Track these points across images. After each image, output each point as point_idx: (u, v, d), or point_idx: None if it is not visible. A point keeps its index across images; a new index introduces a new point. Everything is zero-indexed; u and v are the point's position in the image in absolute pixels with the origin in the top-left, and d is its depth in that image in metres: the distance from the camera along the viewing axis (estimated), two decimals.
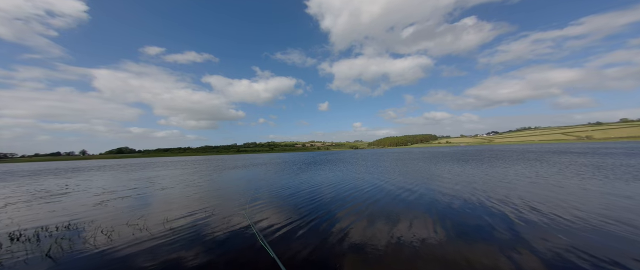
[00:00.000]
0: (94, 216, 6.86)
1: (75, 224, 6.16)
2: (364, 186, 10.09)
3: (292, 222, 5.60)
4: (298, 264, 3.61)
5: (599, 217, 5.02)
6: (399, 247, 4.01)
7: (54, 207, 8.28)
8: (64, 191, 12.10)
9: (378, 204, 6.95)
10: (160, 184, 13.29)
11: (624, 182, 8.58)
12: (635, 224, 4.60)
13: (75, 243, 4.82)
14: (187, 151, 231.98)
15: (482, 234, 4.39)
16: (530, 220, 5.03)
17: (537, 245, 3.87)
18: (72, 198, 10.06)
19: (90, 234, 5.34)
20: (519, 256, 3.55)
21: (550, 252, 3.64)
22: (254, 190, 10.11)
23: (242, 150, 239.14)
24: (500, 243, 4.01)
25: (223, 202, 8.13)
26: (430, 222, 5.17)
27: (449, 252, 3.77)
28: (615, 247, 3.71)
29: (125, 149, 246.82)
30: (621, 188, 7.69)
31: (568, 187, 8.10)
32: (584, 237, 4.12)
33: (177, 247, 4.42)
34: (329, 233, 4.77)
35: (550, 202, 6.34)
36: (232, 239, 4.71)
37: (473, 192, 7.89)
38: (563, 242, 3.96)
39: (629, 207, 5.64)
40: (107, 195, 10.48)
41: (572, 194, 7.08)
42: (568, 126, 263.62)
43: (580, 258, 3.44)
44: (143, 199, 9.21)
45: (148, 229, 5.50)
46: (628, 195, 6.70)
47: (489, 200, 6.73)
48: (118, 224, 5.96)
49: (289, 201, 7.83)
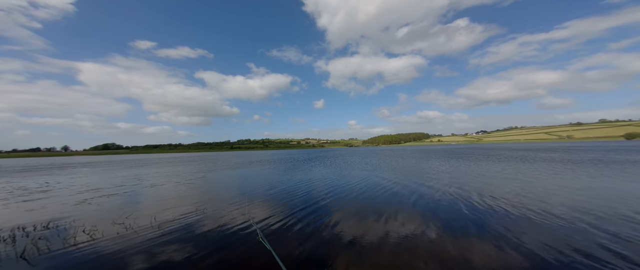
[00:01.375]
0: (76, 215, 6.54)
1: (54, 223, 5.85)
2: (362, 183, 10.13)
3: (289, 218, 5.56)
4: (295, 260, 3.57)
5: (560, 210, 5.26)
6: (395, 242, 4.05)
7: (32, 206, 7.85)
8: (44, 189, 11.51)
9: (375, 200, 6.99)
10: (149, 181, 12.88)
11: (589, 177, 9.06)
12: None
13: (54, 243, 4.57)
14: (178, 148, 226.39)
15: (475, 232, 4.50)
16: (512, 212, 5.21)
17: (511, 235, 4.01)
18: (52, 196, 9.58)
19: (70, 233, 5.08)
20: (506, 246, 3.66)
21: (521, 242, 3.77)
22: (248, 187, 9.97)
23: (236, 148, 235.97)
24: (495, 239, 4.12)
25: (216, 199, 7.96)
26: (422, 217, 5.24)
27: (440, 246, 3.83)
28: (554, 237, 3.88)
29: (112, 145, 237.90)
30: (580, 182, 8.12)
31: (539, 182, 8.48)
32: (543, 227, 4.30)
33: (168, 245, 4.26)
34: (326, 229, 4.75)
35: (521, 195, 6.59)
36: (227, 235, 4.60)
37: (468, 191, 8.08)
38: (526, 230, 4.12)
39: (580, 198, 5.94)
40: (91, 193, 10.04)
41: (539, 187, 7.42)
42: (551, 126, 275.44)
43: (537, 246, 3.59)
44: (131, 197, 8.89)
45: (136, 227, 5.29)
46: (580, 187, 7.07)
47: (482, 199, 6.91)
48: (102, 223, 5.71)
49: (285, 197, 7.76)
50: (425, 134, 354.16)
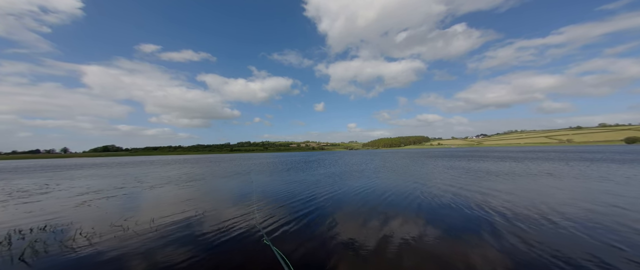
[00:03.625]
0: (75, 217, 6.47)
1: (53, 225, 5.78)
2: (368, 186, 10.00)
3: (294, 220, 5.50)
4: (300, 262, 3.52)
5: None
6: (398, 246, 3.98)
7: (31, 208, 7.78)
8: (44, 191, 11.43)
9: (381, 203, 6.89)
10: (149, 183, 12.80)
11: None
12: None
13: (52, 245, 4.50)
14: (178, 150, 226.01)
15: (479, 239, 4.44)
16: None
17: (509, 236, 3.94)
18: (52, 198, 9.50)
19: (69, 236, 5.01)
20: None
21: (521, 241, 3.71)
22: (251, 189, 9.89)
23: (236, 150, 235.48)
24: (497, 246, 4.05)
25: (217, 200, 7.89)
26: (429, 222, 5.18)
27: (442, 249, 3.77)
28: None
29: (111, 147, 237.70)
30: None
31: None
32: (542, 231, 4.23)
33: (167, 248, 4.19)
34: (332, 231, 4.69)
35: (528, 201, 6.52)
36: (231, 238, 4.53)
37: (472, 199, 8.01)
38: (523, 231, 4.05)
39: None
40: (91, 195, 9.97)
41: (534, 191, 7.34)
42: (551, 130, 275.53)
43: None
44: (131, 199, 8.81)
45: (136, 230, 5.22)
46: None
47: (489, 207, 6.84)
48: (101, 225, 5.64)
49: (290, 199, 7.66)
50: (426, 137, 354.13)
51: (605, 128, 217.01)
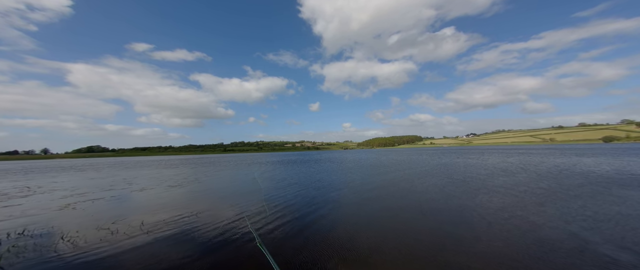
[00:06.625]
0: (57, 221, 6.30)
1: (34, 229, 5.61)
2: (365, 188, 9.83)
3: (288, 223, 5.45)
4: (292, 266, 3.53)
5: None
6: (396, 249, 4.05)
7: (11, 212, 7.48)
8: (25, 194, 10.97)
9: (379, 205, 6.89)
10: (139, 185, 12.49)
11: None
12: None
13: (34, 250, 4.39)
14: (168, 150, 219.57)
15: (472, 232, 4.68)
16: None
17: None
18: (34, 201, 9.14)
19: (51, 240, 4.89)
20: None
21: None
22: (245, 190, 9.86)
23: (229, 150, 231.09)
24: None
25: (207, 203, 7.85)
26: (434, 225, 5.35)
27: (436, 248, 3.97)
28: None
29: (96, 147, 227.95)
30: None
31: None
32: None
33: (156, 251, 4.19)
34: (325, 234, 4.73)
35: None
36: (222, 240, 4.54)
37: (462, 197, 8.33)
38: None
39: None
40: (75, 197, 9.66)
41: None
42: (535, 129, 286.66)
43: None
44: (118, 202, 8.62)
45: (124, 233, 5.16)
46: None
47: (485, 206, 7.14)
48: (86, 229, 5.53)
49: (285, 202, 7.63)
50: (418, 136, 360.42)
51: (585, 127, 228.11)
